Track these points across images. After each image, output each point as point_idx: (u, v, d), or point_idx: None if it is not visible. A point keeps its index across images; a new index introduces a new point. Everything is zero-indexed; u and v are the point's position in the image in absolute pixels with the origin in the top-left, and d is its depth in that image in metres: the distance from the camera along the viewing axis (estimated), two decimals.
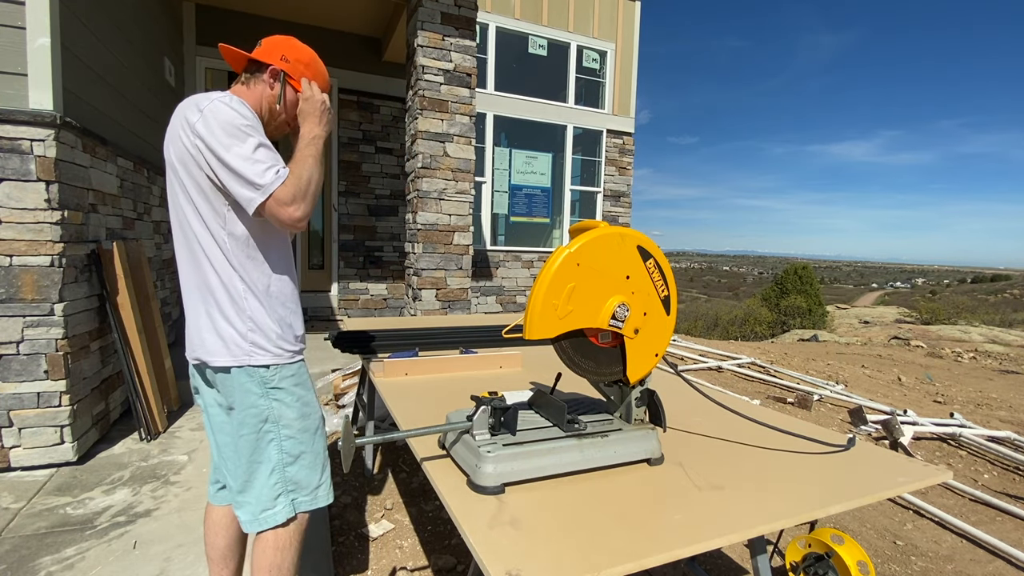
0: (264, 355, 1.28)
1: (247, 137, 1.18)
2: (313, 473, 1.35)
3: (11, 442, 2.44)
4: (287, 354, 1.32)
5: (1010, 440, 3.54)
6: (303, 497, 1.33)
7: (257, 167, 1.16)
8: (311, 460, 1.34)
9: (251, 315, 1.27)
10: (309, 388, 1.38)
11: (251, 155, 1.17)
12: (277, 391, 1.30)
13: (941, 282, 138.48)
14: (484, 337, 2.46)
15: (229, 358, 1.27)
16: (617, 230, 1.10)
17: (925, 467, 1.23)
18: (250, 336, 1.28)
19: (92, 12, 2.97)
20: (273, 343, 1.30)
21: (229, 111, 1.19)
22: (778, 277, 32.53)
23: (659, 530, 0.91)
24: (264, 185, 1.16)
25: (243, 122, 1.19)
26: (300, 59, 1.37)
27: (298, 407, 1.32)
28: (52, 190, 2.40)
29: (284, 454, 1.31)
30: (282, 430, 1.30)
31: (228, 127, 1.17)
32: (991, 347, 10.73)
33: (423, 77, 4.35)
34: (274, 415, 1.30)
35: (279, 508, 1.30)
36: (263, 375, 1.28)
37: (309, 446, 1.34)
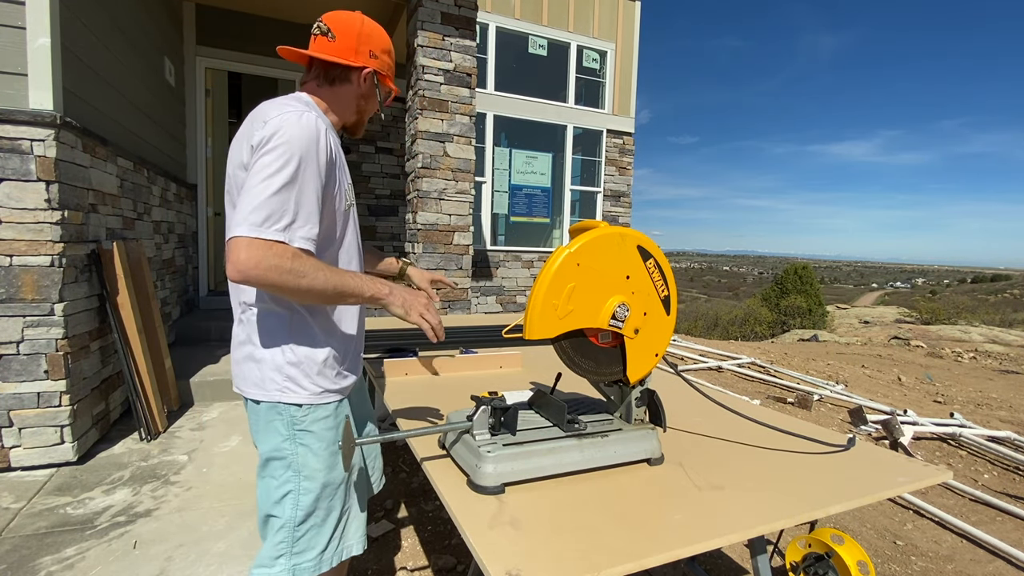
0: (299, 392, 1.12)
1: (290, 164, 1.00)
2: (320, 537, 1.16)
3: (11, 442, 2.44)
4: (326, 393, 1.16)
5: (1010, 440, 3.54)
6: (306, 563, 1.14)
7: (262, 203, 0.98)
8: (321, 520, 1.16)
9: (290, 340, 1.12)
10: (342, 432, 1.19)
11: (271, 188, 0.99)
12: (305, 435, 1.14)
13: (941, 282, 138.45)
14: (484, 337, 2.46)
15: (259, 391, 1.12)
16: (617, 230, 1.10)
17: (925, 467, 1.23)
18: (286, 369, 1.11)
19: (92, 12, 2.97)
20: (312, 379, 1.13)
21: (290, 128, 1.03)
22: (778, 277, 32.53)
23: (659, 530, 0.91)
24: (250, 223, 0.96)
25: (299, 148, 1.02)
26: (384, 49, 1.24)
27: (325, 456, 1.15)
28: (52, 190, 2.40)
29: (297, 510, 1.13)
30: (303, 482, 1.13)
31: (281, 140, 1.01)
32: (991, 347, 10.73)
33: (423, 77, 4.35)
34: (298, 462, 1.13)
35: (276, 571, 1.12)
36: (293, 414, 1.13)
37: (326, 503, 1.16)
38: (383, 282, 1.13)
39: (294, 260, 0.98)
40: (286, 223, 0.99)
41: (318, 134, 1.05)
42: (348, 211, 1.21)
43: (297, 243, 1.00)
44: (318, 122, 1.06)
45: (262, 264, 0.96)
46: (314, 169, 1.03)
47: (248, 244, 0.96)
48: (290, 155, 1.00)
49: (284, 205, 0.99)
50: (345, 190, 1.18)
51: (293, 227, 1.00)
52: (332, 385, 1.17)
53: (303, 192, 1.01)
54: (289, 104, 1.09)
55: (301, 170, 1.01)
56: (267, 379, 1.11)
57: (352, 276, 1.08)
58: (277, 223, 0.98)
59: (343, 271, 1.08)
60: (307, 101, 1.17)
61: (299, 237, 1.00)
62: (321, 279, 1.01)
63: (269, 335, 1.12)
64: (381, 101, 1.25)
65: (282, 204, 0.99)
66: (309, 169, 1.02)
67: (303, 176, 1.01)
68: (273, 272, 0.96)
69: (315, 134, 1.04)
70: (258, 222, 0.97)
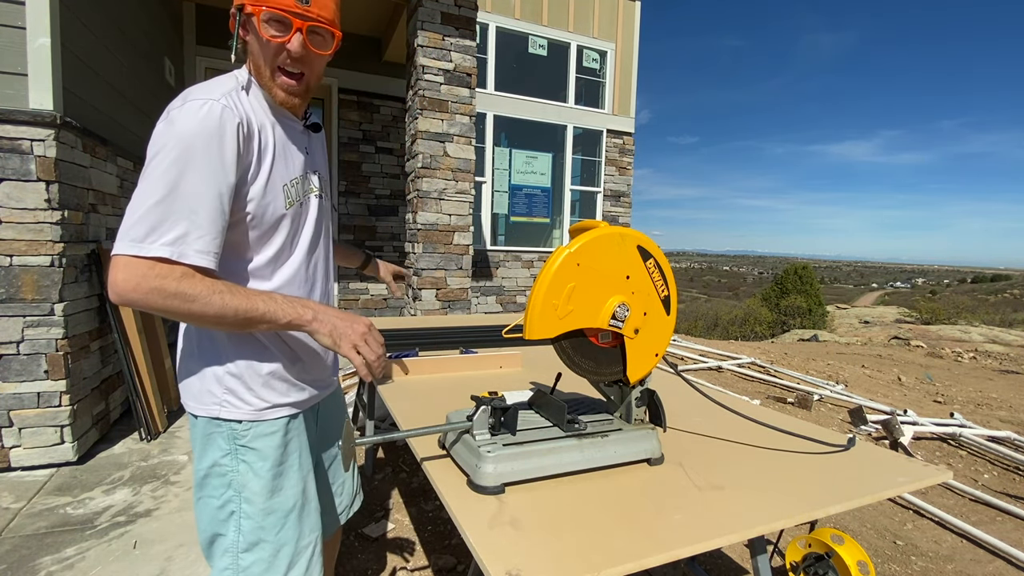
0: (239, 408, 1.00)
1: (174, 166, 0.85)
2: (271, 571, 1.01)
3: (11, 442, 2.44)
4: (274, 408, 1.03)
5: (1010, 440, 3.54)
6: None
7: (143, 215, 0.83)
8: (270, 555, 1.01)
9: (229, 349, 1.00)
10: (293, 452, 1.06)
11: (153, 196, 0.84)
12: (247, 451, 1.01)
13: (941, 282, 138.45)
14: (484, 337, 2.46)
15: (198, 405, 1.01)
16: (617, 230, 1.10)
17: (925, 467, 1.23)
18: (226, 380, 1.00)
19: (92, 12, 2.97)
20: (254, 392, 1.01)
21: (180, 121, 0.87)
22: (778, 277, 32.55)
23: (659, 530, 0.91)
24: (129, 239, 0.83)
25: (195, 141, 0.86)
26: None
27: (268, 478, 1.01)
28: (52, 190, 2.40)
29: (241, 537, 1.01)
30: (243, 505, 1.00)
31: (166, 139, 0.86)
32: (991, 347, 10.73)
33: (423, 77, 4.35)
34: (239, 481, 1.01)
35: None
36: (234, 428, 1.01)
37: (272, 534, 1.01)
38: (306, 304, 0.95)
39: (181, 281, 0.84)
40: (175, 236, 0.84)
41: (220, 126, 0.87)
42: (293, 213, 1.03)
43: (190, 259, 0.85)
44: (224, 113, 0.88)
45: (142, 287, 0.82)
46: (210, 170, 0.86)
47: (127, 264, 0.83)
48: (176, 154, 0.85)
49: (169, 214, 0.84)
50: (284, 187, 1.00)
51: (185, 240, 0.85)
52: (281, 399, 1.04)
53: (195, 198, 0.85)
54: (200, 89, 0.92)
55: (191, 171, 0.85)
56: (205, 392, 1.01)
57: (264, 298, 0.91)
58: (163, 236, 0.83)
59: (252, 292, 0.91)
60: (242, 78, 0.99)
61: (193, 251, 0.85)
62: (217, 303, 0.86)
63: (208, 344, 1.01)
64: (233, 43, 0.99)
65: (167, 213, 0.84)
66: (203, 170, 0.86)
67: (193, 179, 0.85)
68: (155, 295, 0.83)
69: (215, 127, 0.87)
70: (139, 237, 0.83)
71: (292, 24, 0.93)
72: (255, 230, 0.98)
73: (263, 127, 0.98)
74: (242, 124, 0.92)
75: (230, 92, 0.94)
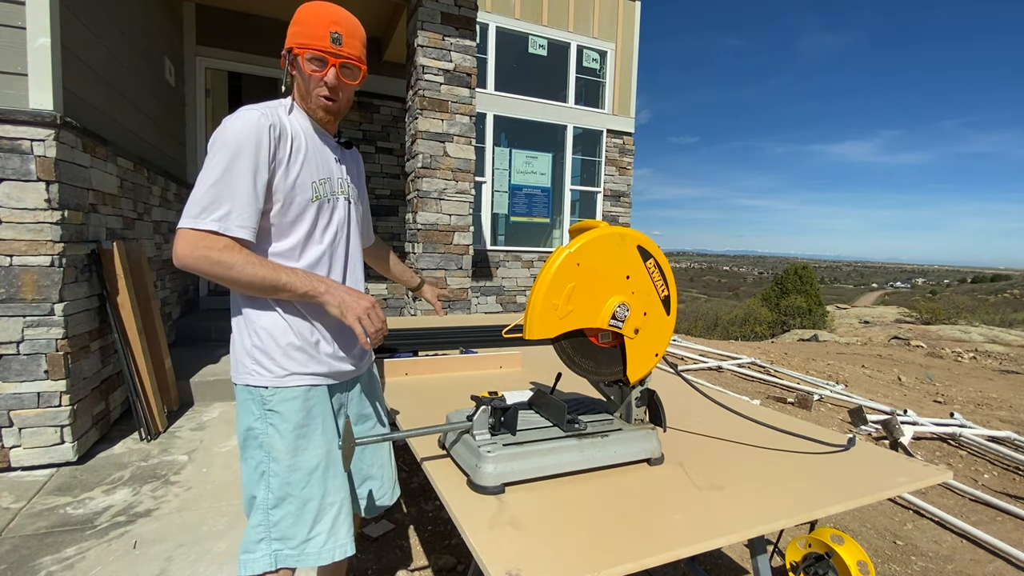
0: (264, 375, 1.16)
1: (223, 159, 1.07)
2: (298, 525, 1.15)
3: (11, 442, 2.44)
4: (293, 376, 1.17)
5: (1010, 440, 3.54)
6: (288, 550, 1.15)
7: (199, 197, 1.05)
8: (296, 508, 1.15)
9: (256, 325, 1.17)
10: (315, 418, 1.20)
11: (207, 182, 1.06)
12: (272, 415, 1.16)
13: (941, 282, 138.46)
14: (484, 337, 2.46)
15: (235, 375, 1.19)
16: (617, 230, 1.10)
17: (925, 467, 1.23)
18: (253, 352, 1.17)
19: (92, 12, 2.97)
20: (276, 362, 1.16)
21: (227, 126, 1.10)
22: (778, 277, 32.54)
23: (659, 530, 0.91)
24: (189, 216, 1.05)
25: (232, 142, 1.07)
26: (294, 22, 1.19)
27: (291, 438, 1.16)
28: (52, 190, 2.40)
29: (270, 493, 1.15)
30: (271, 463, 1.15)
31: (218, 139, 1.09)
32: (991, 347, 10.73)
33: (423, 77, 4.35)
34: (267, 443, 1.16)
35: (258, 556, 1.14)
36: (262, 394, 1.17)
37: (298, 490, 1.15)
38: (321, 279, 1.14)
39: (223, 252, 1.05)
40: (221, 213, 1.06)
41: (256, 130, 1.09)
42: (319, 206, 1.22)
43: (233, 232, 1.07)
44: (260, 119, 1.10)
45: (194, 253, 1.04)
46: (248, 162, 1.08)
47: (185, 235, 1.05)
48: (223, 151, 1.07)
49: (218, 197, 1.06)
50: (313, 184, 1.20)
51: (229, 217, 1.06)
52: (301, 368, 1.18)
53: (237, 184, 1.07)
54: (249, 106, 1.14)
55: (234, 164, 1.07)
56: (239, 363, 1.19)
57: (288, 272, 1.11)
58: (212, 214, 1.05)
59: (280, 266, 1.11)
60: (287, 102, 1.23)
61: (235, 226, 1.07)
62: (249, 271, 1.06)
63: (240, 321, 1.19)
64: (283, 79, 1.22)
65: (216, 196, 1.06)
66: (242, 163, 1.07)
67: (236, 169, 1.07)
68: (203, 261, 1.04)
69: (252, 130, 1.08)
70: (195, 214, 1.05)
71: (328, 61, 1.17)
72: (285, 215, 1.17)
73: (297, 134, 1.18)
74: (274, 127, 1.12)
75: (272, 107, 1.17)
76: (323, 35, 1.15)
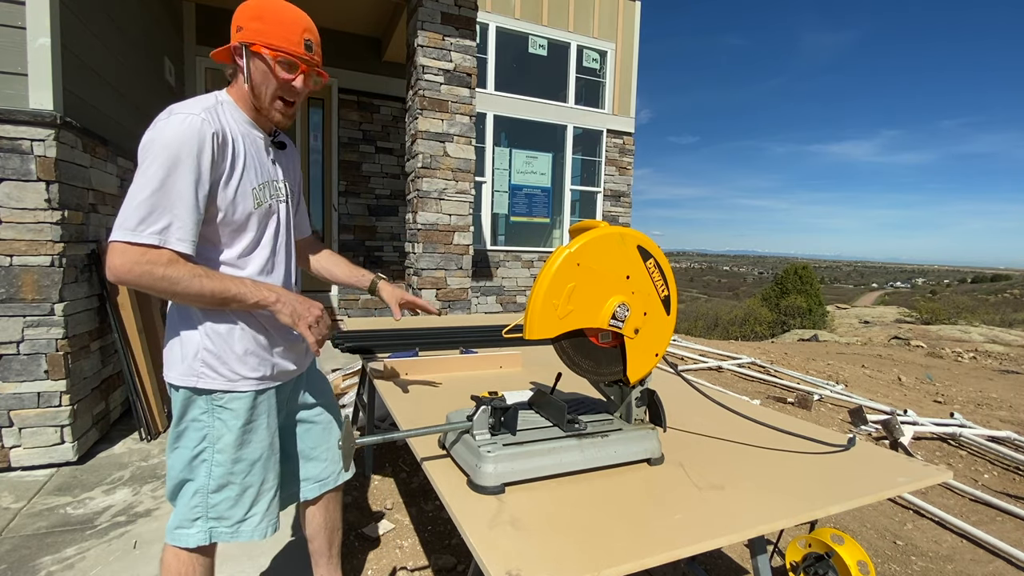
0: (215, 379, 1.18)
1: (161, 167, 1.03)
2: (236, 508, 1.23)
3: (11, 442, 2.44)
4: (244, 380, 1.21)
5: (1010, 440, 3.54)
6: (223, 528, 1.24)
7: (135, 207, 1.01)
8: (236, 494, 1.23)
9: (209, 330, 1.17)
10: (262, 415, 1.25)
11: (144, 192, 1.02)
12: (222, 411, 1.20)
13: (941, 282, 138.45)
14: (484, 337, 2.46)
15: (178, 377, 1.18)
16: (617, 230, 1.10)
17: (925, 467, 1.23)
18: (203, 355, 1.17)
19: (92, 12, 2.97)
20: (229, 367, 1.18)
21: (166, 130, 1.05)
22: (778, 277, 32.55)
23: (659, 530, 0.91)
24: (124, 228, 1.01)
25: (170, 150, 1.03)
26: (252, 16, 1.15)
27: (239, 434, 1.21)
28: (52, 190, 2.40)
29: (210, 480, 1.21)
30: (215, 454, 1.20)
31: (154, 145, 1.04)
32: (991, 347, 10.73)
33: (423, 77, 4.35)
34: (213, 435, 1.20)
35: (193, 532, 1.22)
36: (210, 396, 1.20)
37: (239, 478, 1.23)
38: (271, 288, 1.15)
39: (167, 267, 1.03)
40: (161, 226, 1.03)
41: (199, 136, 1.06)
42: (261, 213, 1.21)
43: (173, 246, 1.04)
44: (203, 125, 1.07)
45: (134, 269, 1.01)
46: (190, 173, 1.05)
47: (123, 250, 1.01)
48: (162, 158, 1.02)
49: (157, 208, 1.02)
50: (254, 190, 1.18)
51: (169, 230, 1.04)
52: (252, 373, 1.21)
53: (177, 195, 1.04)
54: (184, 105, 1.10)
55: (173, 174, 1.03)
56: (184, 364, 1.18)
57: (236, 283, 1.11)
58: (151, 226, 1.02)
59: (227, 278, 1.11)
60: (221, 98, 1.19)
61: (175, 239, 1.04)
62: (196, 286, 1.05)
63: (187, 325, 1.18)
64: (246, 74, 1.16)
65: (154, 207, 1.02)
66: (183, 173, 1.04)
67: (176, 180, 1.03)
68: (146, 277, 1.02)
69: (194, 137, 1.05)
70: (132, 226, 1.01)
71: (299, 67, 1.17)
72: (228, 225, 1.16)
73: (236, 138, 1.16)
74: (217, 134, 1.10)
75: (209, 108, 1.12)
76: (298, 40, 1.15)
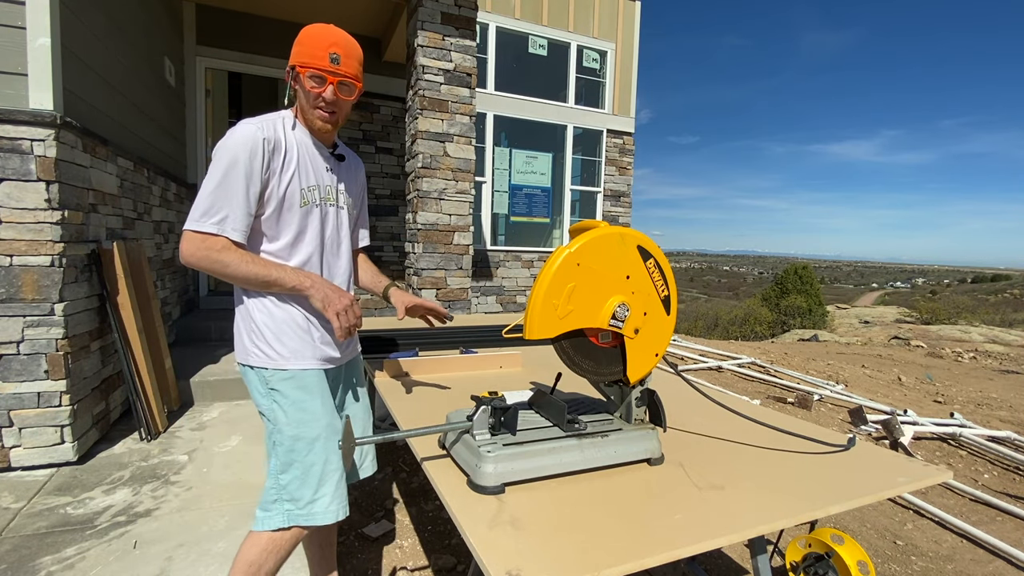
0: (261, 357, 1.31)
1: (221, 168, 1.21)
2: (304, 488, 1.30)
3: (11, 442, 2.44)
4: (288, 359, 1.31)
5: (1010, 440, 3.54)
6: (297, 511, 1.30)
7: (201, 202, 1.20)
8: (301, 473, 1.30)
9: (256, 313, 1.31)
10: (314, 395, 1.33)
11: (208, 189, 1.20)
12: (275, 392, 1.31)
13: (941, 282, 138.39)
14: (484, 337, 2.46)
15: (238, 356, 1.35)
16: (617, 230, 1.10)
17: (925, 467, 1.23)
18: (252, 335, 1.32)
19: (92, 12, 2.97)
20: (272, 347, 1.31)
21: (228, 138, 1.24)
22: (778, 277, 32.55)
23: (659, 530, 0.91)
24: (192, 219, 1.20)
25: (232, 152, 1.21)
26: (297, 42, 1.30)
27: (292, 412, 1.30)
28: (52, 190, 2.40)
29: (278, 460, 1.31)
30: (277, 435, 1.30)
31: (219, 150, 1.22)
32: (991, 347, 10.73)
33: (423, 77, 4.34)
34: (273, 416, 1.31)
35: (273, 514, 1.30)
36: (262, 374, 1.32)
37: (301, 457, 1.30)
38: (308, 275, 1.28)
39: (221, 252, 1.20)
40: (220, 218, 1.20)
41: (252, 142, 1.22)
42: (308, 211, 1.35)
43: (228, 234, 1.21)
44: (256, 132, 1.23)
45: (196, 253, 1.20)
46: (243, 172, 1.21)
47: (189, 236, 1.20)
48: (222, 161, 1.20)
49: (216, 202, 1.20)
50: (302, 191, 1.33)
51: (225, 221, 1.21)
52: (294, 353, 1.32)
53: (232, 191, 1.21)
54: (249, 119, 1.27)
55: (230, 173, 1.20)
56: (242, 345, 1.34)
57: (277, 268, 1.26)
58: (212, 218, 1.20)
59: (270, 264, 1.26)
60: (285, 115, 1.35)
61: (230, 229, 1.21)
62: (244, 269, 1.22)
63: (242, 309, 1.34)
64: (288, 94, 1.35)
65: (215, 201, 1.20)
66: (238, 172, 1.21)
67: (232, 178, 1.21)
68: (204, 260, 1.20)
69: (248, 142, 1.22)
70: (197, 217, 1.20)
71: (327, 79, 1.28)
72: (277, 218, 1.31)
73: (291, 146, 1.31)
74: (268, 140, 1.25)
75: (271, 121, 1.30)
76: (323, 55, 1.27)
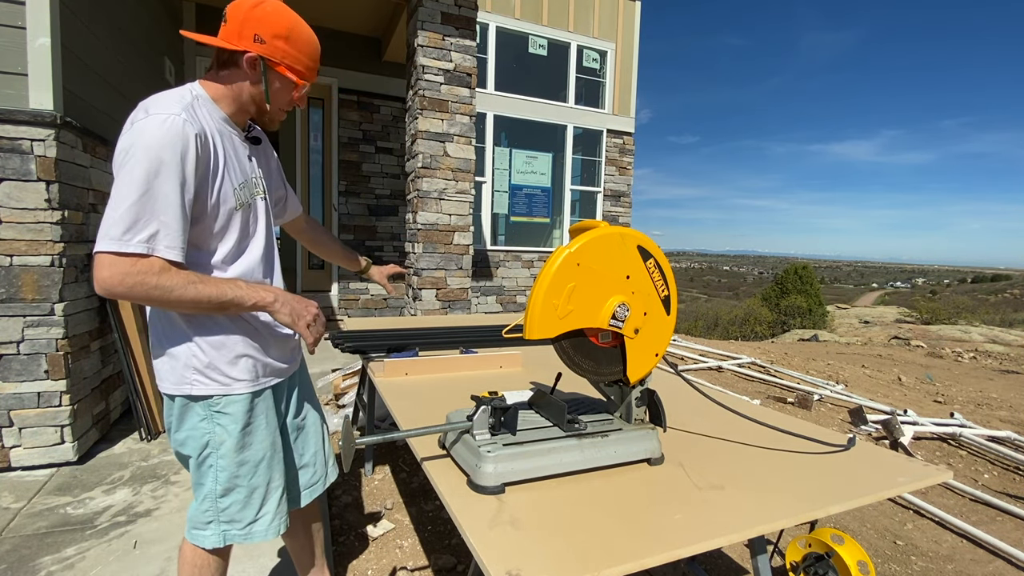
0: (209, 385, 1.16)
1: (142, 173, 0.97)
2: (246, 510, 1.23)
3: (11, 442, 2.44)
4: (239, 383, 1.19)
5: (1010, 440, 3.54)
6: (236, 531, 1.23)
7: (121, 216, 0.96)
8: (245, 496, 1.22)
9: (198, 337, 1.14)
10: (260, 415, 1.23)
11: (127, 199, 0.96)
12: (220, 416, 1.18)
13: (941, 282, 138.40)
14: (484, 337, 2.46)
15: (173, 386, 1.16)
16: (617, 230, 1.10)
17: (925, 467, 1.23)
18: (196, 364, 1.14)
19: (92, 12, 2.97)
20: (222, 372, 1.16)
21: (146, 131, 1.00)
22: (778, 277, 32.56)
23: (659, 530, 0.91)
24: (110, 237, 0.96)
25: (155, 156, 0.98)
26: (277, 34, 1.13)
27: (239, 436, 1.19)
28: (52, 190, 2.40)
29: (218, 484, 1.20)
30: (218, 459, 1.19)
31: (134, 149, 0.99)
32: (991, 347, 10.73)
33: (423, 77, 4.35)
34: (215, 441, 1.19)
35: (208, 534, 1.22)
36: (207, 402, 1.17)
37: (246, 480, 1.22)
38: (268, 290, 1.14)
39: (160, 276, 0.99)
40: (148, 234, 0.98)
41: (183, 139, 1.01)
42: (243, 213, 1.18)
43: (162, 253, 0.99)
44: (185, 127, 1.02)
45: (126, 281, 0.97)
46: (174, 177, 1.00)
47: (111, 261, 0.96)
48: (145, 163, 0.97)
49: (143, 215, 0.97)
50: (235, 190, 1.15)
51: (157, 238, 0.99)
52: (246, 376, 1.20)
53: (164, 200, 0.99)
54: (161, 103, 1.05)
55: (158, 178, 0.98)
56: (178, 375, 1.15)
57: (232, 286, 1.09)
58: (138, 235, 0.97)
59: (222, 282, 1.08)
60: (197, 93, 1.14)
61: (163, 247, 0.99)
62: (192, 292, 1.02)
63: (174, 333, 1.15)
64: (266, 91, 1.17)
65: (140, 214, 0.97)
66: (167, 177, 0.99)
67: (160, 185, 0.98)
68: (138, 288, 0.98)
69: (177, 139, 1.00)
70: (118, 235, 0.96)
71: (307, 86, 1.23)
72: (213, 226, 1.13)
73: (215, 137, 1.12)
74: (199, 135, 1.05)
75: (188, 106, 1.08)
76: (315, 66, 1.23)
